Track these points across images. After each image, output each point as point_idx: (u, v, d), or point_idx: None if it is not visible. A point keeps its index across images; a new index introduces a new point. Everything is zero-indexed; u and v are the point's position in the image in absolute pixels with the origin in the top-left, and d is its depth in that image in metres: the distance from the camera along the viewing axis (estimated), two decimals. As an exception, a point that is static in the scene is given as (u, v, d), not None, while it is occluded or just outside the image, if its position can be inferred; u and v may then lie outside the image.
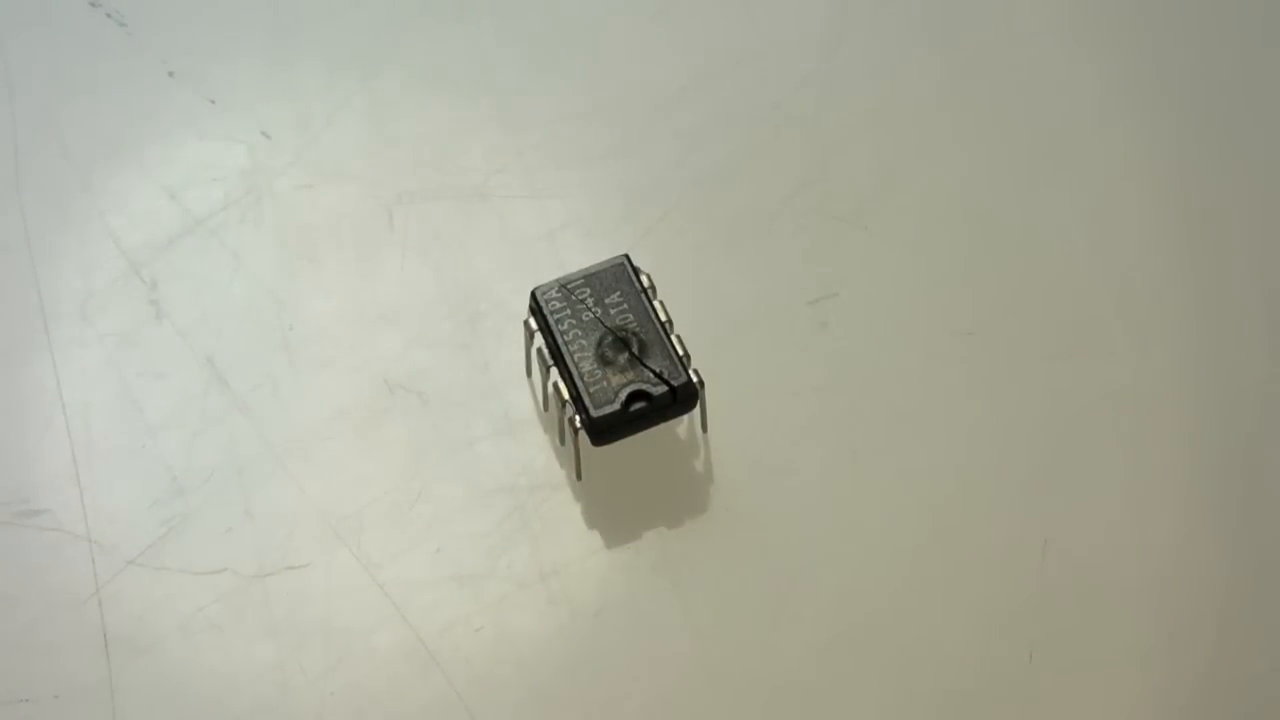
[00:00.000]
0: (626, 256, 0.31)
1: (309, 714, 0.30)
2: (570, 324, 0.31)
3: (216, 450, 0.32)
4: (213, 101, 0.36)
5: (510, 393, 0.33)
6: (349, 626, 0.31)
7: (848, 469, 0.32)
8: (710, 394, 0.31)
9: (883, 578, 0.32)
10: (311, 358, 0.33)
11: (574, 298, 0.31)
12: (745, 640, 0.31)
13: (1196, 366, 0.34)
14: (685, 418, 0.32)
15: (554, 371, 0.31)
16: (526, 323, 0.31)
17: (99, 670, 0.31)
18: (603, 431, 0.30)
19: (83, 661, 0.31)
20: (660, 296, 0.31)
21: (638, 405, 0.30)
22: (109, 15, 0.37)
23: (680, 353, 0.31)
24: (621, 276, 0.31)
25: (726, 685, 0.31)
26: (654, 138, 0.36)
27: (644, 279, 0.31)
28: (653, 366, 0.30)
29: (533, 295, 0.31)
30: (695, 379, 0.30)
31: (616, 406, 0.30)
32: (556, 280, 0.31)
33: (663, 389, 0.30)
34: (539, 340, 0.31)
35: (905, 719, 0.31)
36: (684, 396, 0.30)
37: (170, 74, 0.36)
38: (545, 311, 0.31)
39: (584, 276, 0.31)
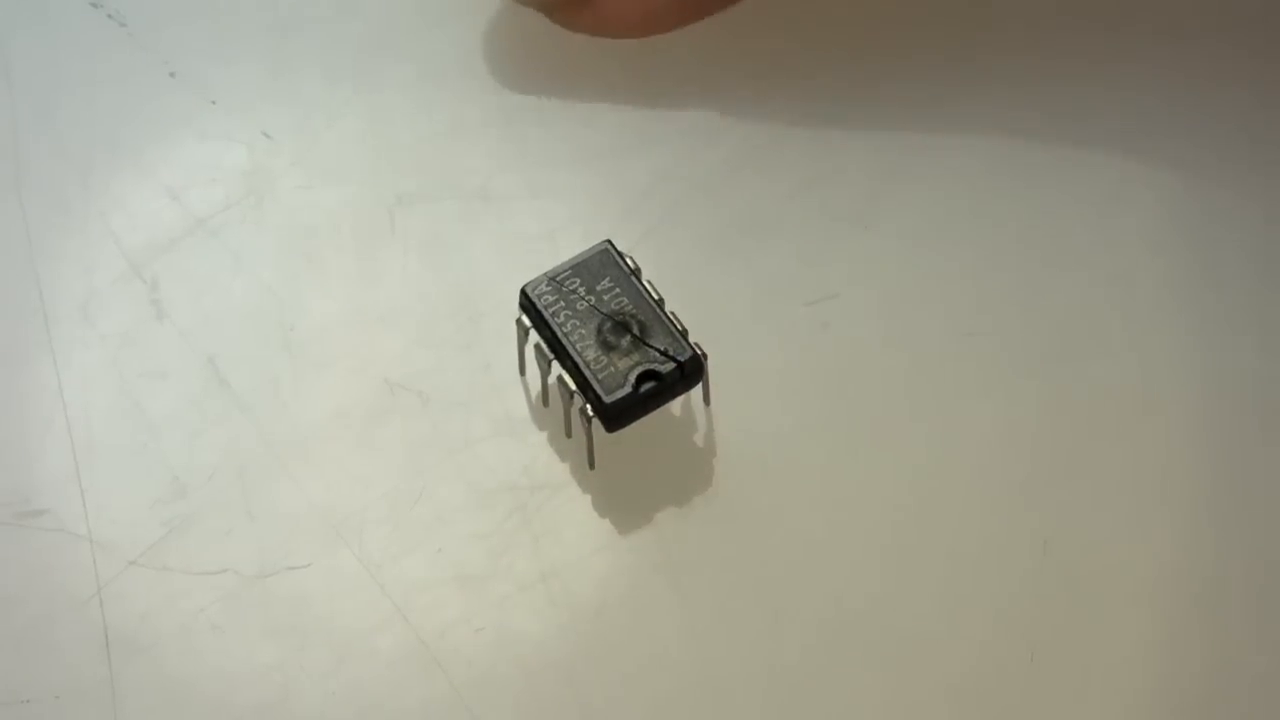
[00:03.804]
0: (609, 241, 0.31)
1: (310, 714, 0.30)
2: (567, 315, 0.31)
3: (217, 450, 0.32)
4: (213, 102, 0.36)
5: (511, 393, 0.33)
6: (350, 627, 0.31)
7: (848, 469, 0.32)
8: (711, 396, 0.32)
9: (883, 578, 0.32)
10: (312, 358, 0.33)
11: (565, 289, 0.31)
12: (745, 640, 0.31)
13: (1196, 366, 0.33)
14: (687, 403, 0.32)
15: (556, 365, 0.31)
16: (519, 320, 0.31)
17: (100, 670, 0.31)
18: (618, 416, 0.30)
19: (84, 662, 0.31)
20: (660, 296, 0.31)
21: (648, 385, 0.30)
22: (110, 16, 0.37)
23: (679, 328, 0.31)
24: (608, 262, 0.31)
25: (726, 685, 0.31)
26: (654, 138, 0.36)
27: (629, 261, 0.31)
28: (656, 345, 0.30)
29: (523, 293, 0.31)
30: (698, 351, 0.31)
31: (628, 389, 0.30)
32: (544, 275, 0.31)
33: (671, 366, 0.30)
34: (535, 336, 0.31)
35: (905, 719, 0.31)
36: (691, 370, 0.31)
37: (171, 74, 0.36)
38: (539, 306, 0.31)
39: (571, 267, 0.31)
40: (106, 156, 0.35)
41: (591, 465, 0.32)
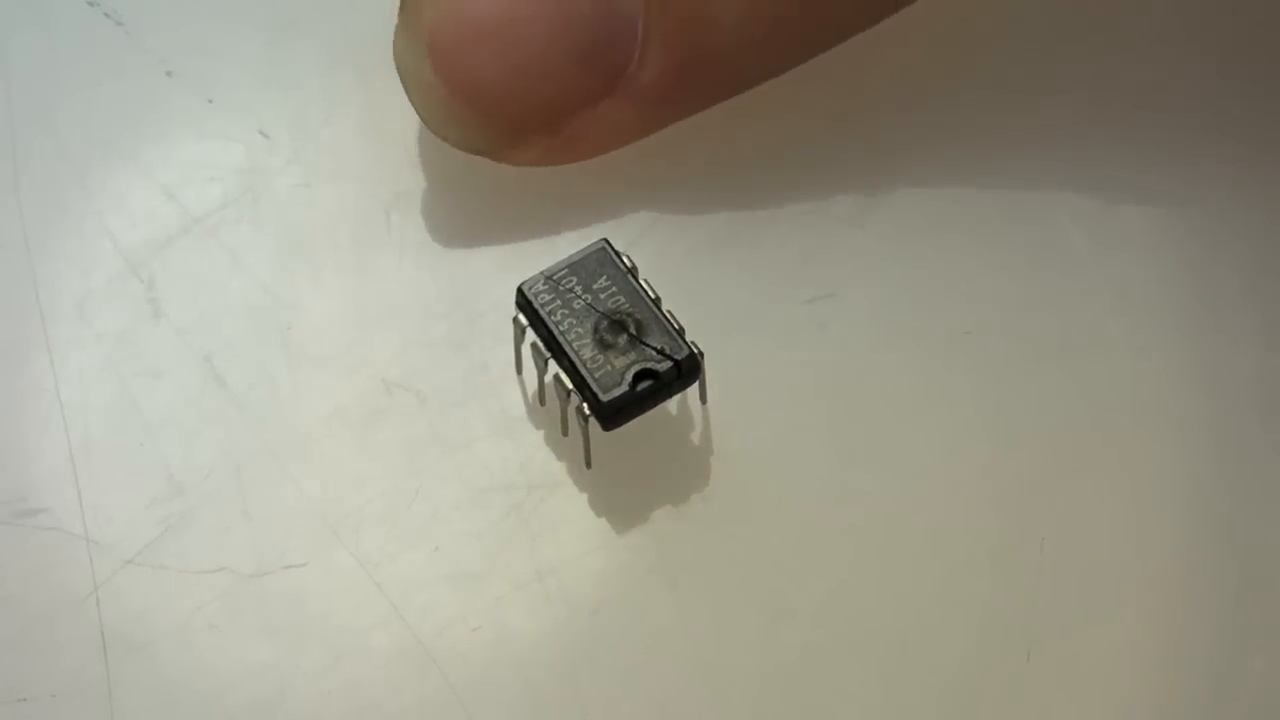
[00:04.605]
0: (606, 240, 0.31)
1: (306, 712, 0.30)
2: (563, 314, 0.31)
3: (214, 449, 0.32)
4: (211, 101, 0.36)
5: (508, 392, 0.33)
6: (346, 626, 0.31)
7: (846, 469, 0.32)
8: (708, 395, 0.32)
9: (880, 577, 0.32)
10: (309, 357, 0.33)
11: (561, 287, 0.31)
12: (743, 639, 0.31)
13: (1196, 367, 0.33)
14: (683, 401, 0.32)
15: (552, 364, 0.31)
16: (516, 319, 0.31)
17: (97, 669, 0.31)
18: (614, 414, 0.30)
19: (80, 661, 0.31)
20: (657, 295, 0.31)
21: (644, 384, 0.30)
22: (107, 14, 0.37)
23: (676, 326, 0.31)
24: (605, 261, 0.31)
25: (724, 684, 0.31)
26: (653, 137, 0.36)
27: (626, 260, 0.31)
28: (653, 344, 0.30)
29: (519, 291, 0.31)
30: (695, 350, 0.31)
31: (625, 388, 0.30)
32: (540, 273, 0.31)
33: (667, 364, 0.30)
34: (531, 335, 0.31)
35: (902, 719, 0.31)
36: (688, 369, 0.31)
37: (168, 73, 0.36)
38: (536, 305, 0.31)
39: (568, 266, 0.31)
40: (103, 155, 0.35)
41: (588, 464, 0.32)
